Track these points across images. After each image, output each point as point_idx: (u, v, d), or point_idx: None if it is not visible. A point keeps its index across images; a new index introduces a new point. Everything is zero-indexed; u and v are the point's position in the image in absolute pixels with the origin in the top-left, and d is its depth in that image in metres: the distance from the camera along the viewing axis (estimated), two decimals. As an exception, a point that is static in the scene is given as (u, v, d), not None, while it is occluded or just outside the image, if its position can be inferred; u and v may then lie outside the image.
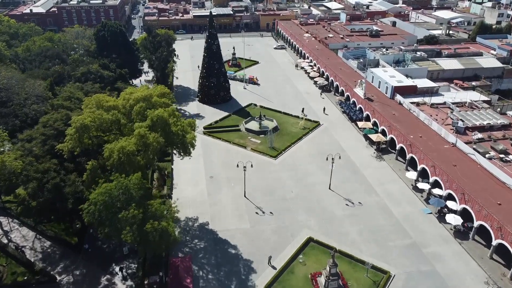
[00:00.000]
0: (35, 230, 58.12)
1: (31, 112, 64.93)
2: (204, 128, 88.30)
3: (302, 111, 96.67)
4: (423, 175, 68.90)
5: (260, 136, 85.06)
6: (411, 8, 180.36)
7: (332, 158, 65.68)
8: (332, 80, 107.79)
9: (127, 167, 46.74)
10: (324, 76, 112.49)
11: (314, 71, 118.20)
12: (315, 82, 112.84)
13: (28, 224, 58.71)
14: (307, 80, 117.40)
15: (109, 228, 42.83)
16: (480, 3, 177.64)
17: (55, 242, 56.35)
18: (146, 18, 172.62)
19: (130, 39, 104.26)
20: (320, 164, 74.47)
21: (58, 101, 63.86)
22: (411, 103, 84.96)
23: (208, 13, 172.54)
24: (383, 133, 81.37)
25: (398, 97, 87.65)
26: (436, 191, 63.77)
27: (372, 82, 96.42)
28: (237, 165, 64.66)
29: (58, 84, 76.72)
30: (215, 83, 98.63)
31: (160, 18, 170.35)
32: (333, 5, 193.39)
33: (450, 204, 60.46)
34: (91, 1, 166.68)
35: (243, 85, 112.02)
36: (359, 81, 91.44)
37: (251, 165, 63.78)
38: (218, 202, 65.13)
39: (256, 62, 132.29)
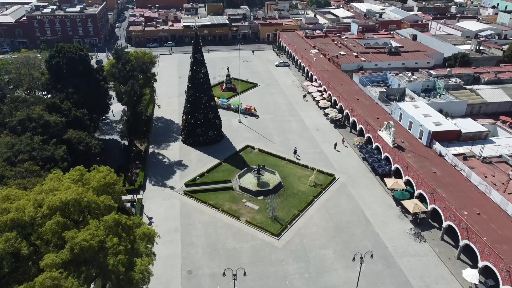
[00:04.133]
0: None
1: None
2: (186, 185, 68.20)
3: (295, 152, 77.39)
4: (488, 273, 48.98)
5: (259, 198, 65.02)
6: (431, 18, 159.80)
7: (361, 257, 45.51)
8: (347, 114, 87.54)
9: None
10: (337, 107, 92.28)
11: (324, 98, 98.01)
12: (326, 114, 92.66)
13: None
14: (315, 110, 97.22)
15: None
16: (510, 12, 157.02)
17: None
18: (130, 28, 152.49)
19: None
20: (339, 249, 54.60)
21: None
22: (456, 155, 64.91)
23: (202, 23, 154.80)
24: (421, 197, 61.32)
25: (437, 146, 67.49)
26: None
27: (400, 121, 76.27)
28: (224, 273, 44.40)
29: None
30: (202, 120, 78.51)
31: (146, 29, 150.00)
32: (341, 13, 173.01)
33: None
34: (67, 9, 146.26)
35: (238, 117, 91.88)
36: (386, 123, 71.24)
37: (244, 273, 43.69)
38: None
39: (254, 85, 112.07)
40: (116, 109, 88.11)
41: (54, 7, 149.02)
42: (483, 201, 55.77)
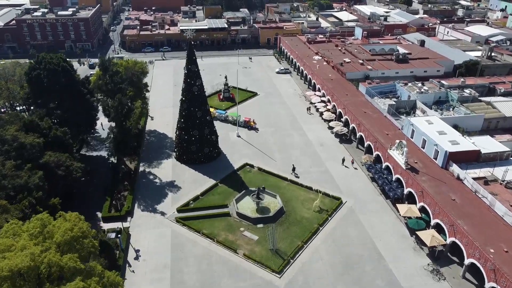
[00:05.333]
0: None
1: None
2: (178, 211, 61.98)
3: (293, 170, 71.53)
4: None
5: (258, 226, 58.81)
6: (438, 21, 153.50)
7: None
8: (354, 128, 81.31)
9: None
10: (343, 119, 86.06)
11: (329, 110, 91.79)
12: (331, 128, 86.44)
13: None
14: (319, 122, 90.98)
15: None
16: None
17: None
18: (125, 32, 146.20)
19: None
20: (350, 290, 48.42)
21: None
22: (476, 179, 58.72)
23: (199, 27, 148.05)
24: (439, 227, 55.11)
25: (455, 169, 61.23)
26: None
27: (412, 138, 70.06)
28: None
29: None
30: (196, 136, 72.31)
31: (141, 33, 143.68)
32: (344, 16, 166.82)
33: None
34: (59, 12, 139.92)
35: (236, 130, 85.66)
36: (398, 142, 65.00)
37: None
38: None
39: (254, 94, 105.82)
40: (106, 121, 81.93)
41: (45, 10, 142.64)
42: (511, 236, 49.58)
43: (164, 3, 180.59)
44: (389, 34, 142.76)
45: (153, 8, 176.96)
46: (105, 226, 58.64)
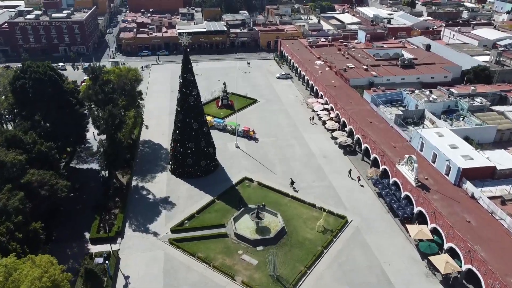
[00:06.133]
0: None
1: None
2: (172, 231, 57.82)
3: (292, 184, 67.63)
4: None
5: (258, 249, 54.67)
6: (443, 24, 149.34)
7: None
8: (358, 139, 77.17)
9: None
10: (347, 129, 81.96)
11: (332, 118, 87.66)
12: (334, 138, 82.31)
13: None
14: (322, 131, 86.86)
15: None
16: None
17: None
18: (121, 35, 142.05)
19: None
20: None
21: None
22: (492, 198, 54.58)
23: (198, 30, 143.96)
24: (452, 251, 50.99)
25: (469, 186, 57.07)
26: None
27: (422, 152, 65.86)
28: None
29: None
30: (193, 149, 68.18)
31: (137, 36, 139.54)
32: (347, 18, 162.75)
33: None
34: (53, 15, 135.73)
35: (235, 141, 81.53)
36: (407, 157, 60.84)
37: None
38: None
39: (254, 101, 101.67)
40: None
41: (39, 12, 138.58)
42: (533, 264, 45.46)
43: (162, 5, 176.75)
44: (393, 38, 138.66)
45: (150, 10, 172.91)
46: (93, 248, 54.51)
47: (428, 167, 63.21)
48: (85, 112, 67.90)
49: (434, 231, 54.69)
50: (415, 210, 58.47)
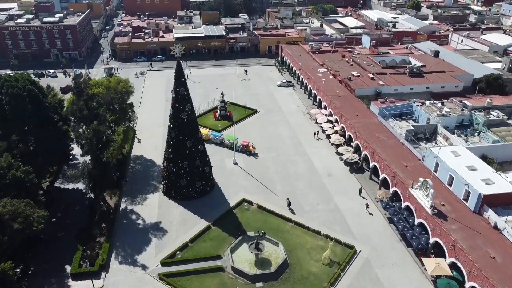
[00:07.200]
0: None
1: None
2: (163, 264, 52.28)
3: (289, 205, 62.40)
4: None
5: (257, 286, 49.14)
6: (451, 29, 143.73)
7: None
8: (366, 156, 71.62)
9: None
10: (353, 144, 76.47)
11: (337, 132, 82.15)
12: (339, 154, 76.80)
13: None
14: (326, 146, 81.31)
15: None
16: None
17: None
18: (116, 39, 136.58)
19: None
20: None
21: None
22: (517, 229, 49.07)
23: (195, 34, 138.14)
24: (475, 291, 45.48)
25: (491, 215, 51.55)
26: None
27: (437, 173, 60.28)
28: None
29: None
30: (186, 169, 62.66)
31: (132, 41, 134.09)
32: (350, 22, 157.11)
33: None
34: (44, 19, 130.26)
35: (233, 157, 75.98)
36: (422, 181, 55.23)
37: None
38: None
39: (253, 112, 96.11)
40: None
41: (30, 16, 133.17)
42: None
43: (159, 7, 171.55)
44: (399, 43, 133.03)
45: (147, 13, 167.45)
46: (74, 285, 49.02)
47: (444, 190, 57.62)
48: (69, 128, 62.30)
49: (453, 265, 49.19)
50: (431, 240, 52.90)
